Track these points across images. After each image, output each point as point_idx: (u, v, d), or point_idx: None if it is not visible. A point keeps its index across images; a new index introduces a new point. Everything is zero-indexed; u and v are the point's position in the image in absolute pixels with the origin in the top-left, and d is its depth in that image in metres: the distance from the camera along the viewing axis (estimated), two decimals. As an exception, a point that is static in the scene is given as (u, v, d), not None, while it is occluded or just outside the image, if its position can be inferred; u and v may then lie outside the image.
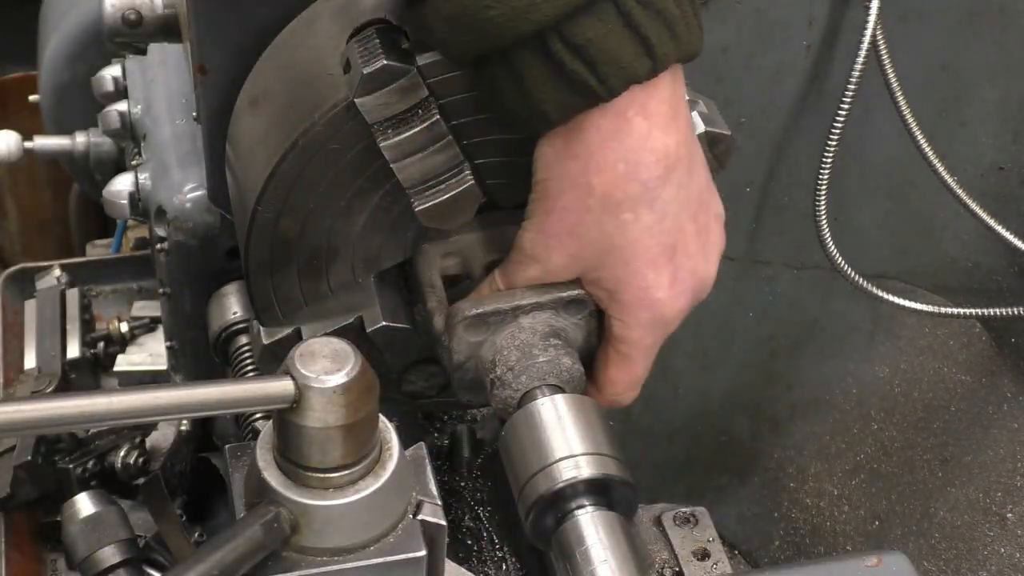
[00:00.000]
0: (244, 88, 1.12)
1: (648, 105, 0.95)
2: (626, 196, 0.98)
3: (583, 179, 0.98)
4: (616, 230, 0.99)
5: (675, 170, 0.98)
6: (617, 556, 0.99)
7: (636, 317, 1.04)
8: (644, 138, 0.96)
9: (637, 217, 0.99)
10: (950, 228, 1.84)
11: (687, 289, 1.03)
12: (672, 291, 1.02)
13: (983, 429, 1.81)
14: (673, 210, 0.99)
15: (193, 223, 1.37)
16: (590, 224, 1.00)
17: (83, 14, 1.97)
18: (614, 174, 0.97)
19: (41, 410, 0.78)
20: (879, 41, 1.58)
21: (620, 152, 0.96)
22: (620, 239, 1.00)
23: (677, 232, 1.01)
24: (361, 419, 0.83)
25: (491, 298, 1.07)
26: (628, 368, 1.08)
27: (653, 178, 0.97)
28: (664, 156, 0.97)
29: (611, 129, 0.96)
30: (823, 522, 1.94)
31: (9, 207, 2.70)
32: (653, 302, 1.03)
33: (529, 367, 1.05)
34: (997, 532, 1.73)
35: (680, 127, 0.98)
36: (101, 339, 1.69)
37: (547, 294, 1.06)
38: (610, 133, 0.96)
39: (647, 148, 0.96)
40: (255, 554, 0.83)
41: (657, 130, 0.96)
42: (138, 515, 1.29)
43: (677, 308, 1.04)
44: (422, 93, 0.99)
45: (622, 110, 0.95)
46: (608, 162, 0.97)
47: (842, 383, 1.98)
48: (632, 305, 1.03)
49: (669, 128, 0.97)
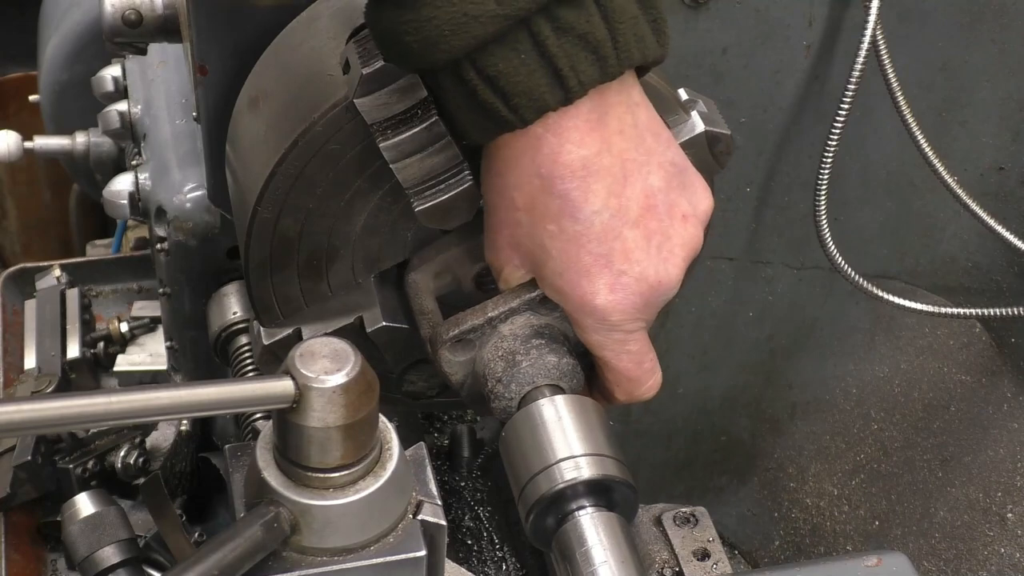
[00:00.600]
0: (244, 88, 1.12)
1: (560, 122, 0.96)
2: (546, 209, 0.99)
3: (507, 194, 1.00)
4: (545, 241, 1.01)
5: (598, 180, 0.98)
6: (617, 557, 0.99)
7: (583, 324, 1.05)
8: (555, 153, 0.97)
9: (561, 229, 1.00)
10: (950, 228, 1.84)
11: (632, 293, 1.02)
12: (612, 296, 1.02)
13: (983, 429, 1.81)
14: (603, 219, 0.99)
15: (193, 223, 1.37)
16: (522, 236, 1.02)
17: (83, 14, 1.97)
18: (531, 188, 0.99)
19: (41, 410, 0.78)
20: (879, 41, 1.57)
21: (532, 168, 0.98)
22: (551, 249, 1.01)
23: (612, 239, 1.00)
24: (361, 419, 0.83)
25: (466, 315, 1.08)
26: (612, 370, 1.08)
27: (570, 189, 0.98)
28: (580, 168, 0.98)
29: (521, 147, 0.97)
30: (823, 522, 1.94)
31: (9, 207, 2.70)
32: (593, 308, 1.03)
33: (516, 375, 1.06)
34: (997, 532, 1.73)
35: (602, 137, 0.98)
36: (101, 339, 1.69)
37: (517, 298, 1.06)
38: (521, 150, 0.98)
39: (559, 162, 0.97)
40: (255, 554, 0.83)
41: (570, 144, 0.97)
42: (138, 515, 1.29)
43: (623, 309, 1.03)
44: (421, 93, 0.99)
45: (532, 129, 0.96)
46: (523, 177, 0.99)
47: (842, 383, 1.98)
48: (575, 313, 1.04)
49: (585, 141, 0.97)
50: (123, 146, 1.74)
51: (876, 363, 1.95)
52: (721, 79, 1.65)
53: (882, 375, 1.94)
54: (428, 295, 1.11)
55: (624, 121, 0.99)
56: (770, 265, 1.89)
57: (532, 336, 1.07)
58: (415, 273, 1.11)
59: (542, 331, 1.07)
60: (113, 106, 1.59)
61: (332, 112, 1.01)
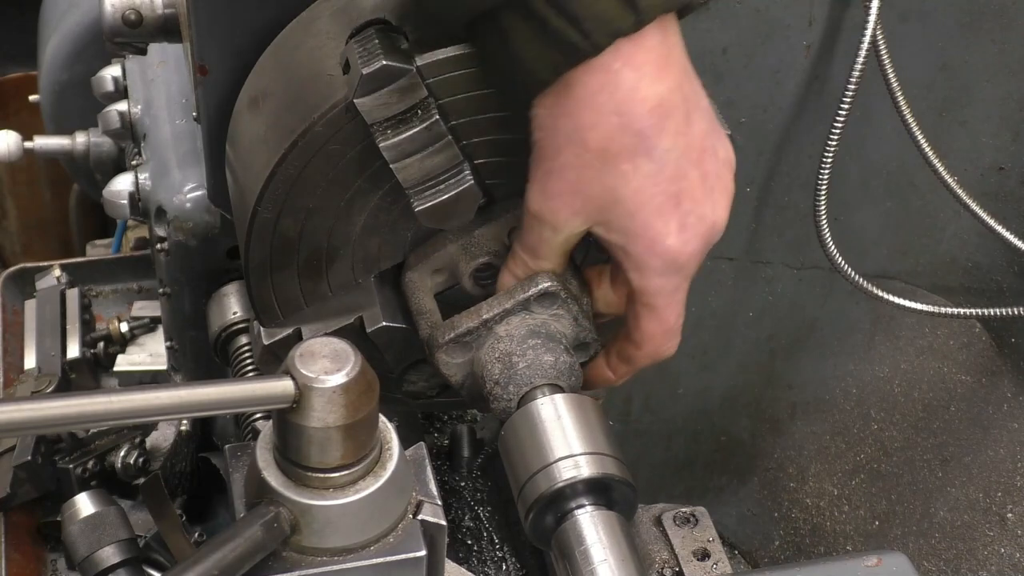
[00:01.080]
0: (244, 88, 1.12)
1: (635, 56, 0.95)
2: (622, 148, 0.98)
3: (577, 135, 0.98)
4: (617, 183, 0.99)
5: (670, 118, 0.98)
6: (616, 556, 0.99)
7: (650, 266, 1.03)
8: (633, 89, 0.96)
9: (636, 167, 0.98)
10: (950, 228, 1.84)
11: (697, 235, 1.02)
12: (682, 237, 1.01)
13: (983, 429, 1.81)
14: (673, 158, 0.99)
15: (193, 223, 1.37)
16: (591, 179, 0.99)
17: (83, 14, 1.97)
18: (608, 127, 0.97)
19: (41, 410, 0.78)
20: (879, 41, 1.57)
21: (611, 105, 0.96)
22: (622, 191, 0.99)
23: (680, 179, 1.00)
24: (361, 419, 0.83)
25: (461, 318, 1.08)
26: (658, 318, 1.07)
27: (647, 127, 0.97)
28: (657, 105, 0.97)
29: (599, 84, 0.96)
30: (823, 522, 1.94)
31: (9, 207, 2.70)
32: (664, 249, 1.02)
33: (512, 376, 1.06)
34: (997, 532, 1.73)
35: (673, 75, 0.98)
36: (101, 339, 1.69)
37: (511, 298, 1.06)
38: (598, 87, 0.96)
39: (637, 99, 0.96)
40: (255, 554, 0.83)
41: (646, 80, 0.96)
42: (138, 515, 1.29)
43: (688, 253, 1.03)
44: (421, 93, 0.99)
45: (608, 64, 0.95)
46: (600, 116, 0.97)
47: (842, 383, 1.98)
48: (644, 255, 1.02)
49: (659, 77, 0.96)
50: (123, 146, 1.74)
51: (876, 363, 1.95)
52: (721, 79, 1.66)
53: (882, 375, 1.94)
54: (426, 293, 1.11)
55: (684, 60, 0.99)
56: (770, 265, 1.89)
57: (528, 336, 1.07)
58: (412, 272, 1.11)
59: (537, 330, 1.07)
60: (113, 106, 1.59)
61: (332, 112, 1.01)
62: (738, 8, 1.60)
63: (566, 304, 1.07)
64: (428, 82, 0.99)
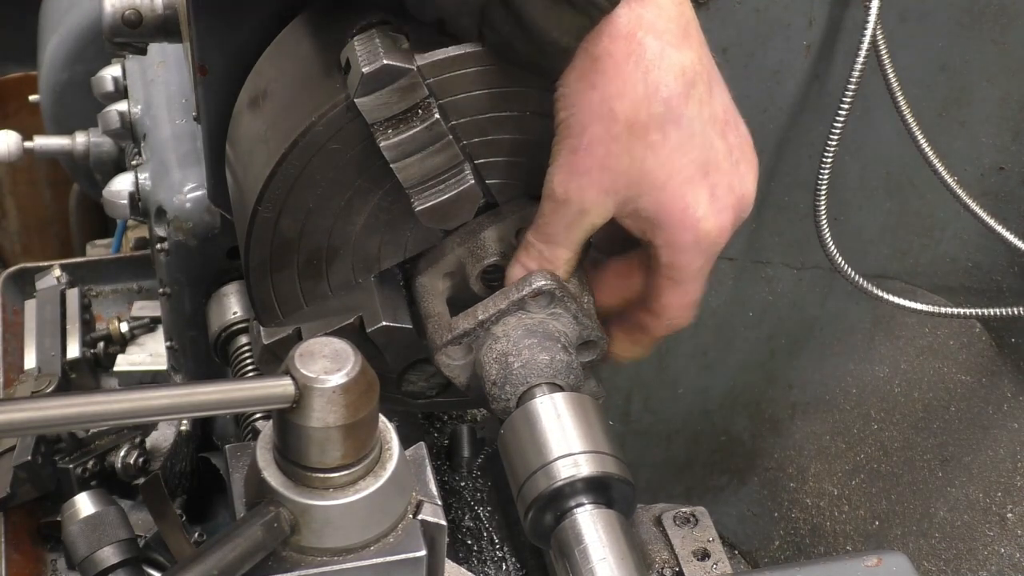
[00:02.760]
0: (244, 88, 1.12)
1: (657, 24, 0.95)
2: (651, 117, 0.97)
3: (605, 108, 0.97)
4: (646, 153, 0.98)
5: (695, 86, 0.98)
6: (615, 554, 0.99)
7: (681, 240, 1.02)
8: (659, 57, 0.96)
9: (665, 136, 0.98)
10: (950, 228, 1.84)
11: (727, 206, 1.02)
12: (713, 207, 1.01)
13: (983, 429, 1.81)
14: (699, 127, 0.99)
15: (193, 223, 1.37)
16: (619, 153, 0.98)
17: (83, 14, 1.97)
18: (635, 96, 0.96)
19: (41, 410, 0.78)
20: (879, 41, 1.57)
21: (637, 74, 0.96)
22: (652, 162, 0.99)
23: (708, 149, 1.00)
24: (361, 419, 0.83)
25: (458, 320, 1.08)
26: (682, 292, 1.06)
27: (675, 95, 0.97)
28: (682, 72, 0.97)
29: (624, 53, 0.95)
30: (823, 522, 1.94)
31: (9, 207, 2.70)
32: (696, 221, 1.01)
33: (509, 376, 1.06)
34: (997, 532, 1.73)
35: (693, 46, 0.98)
36: (101, 339, 1.69)
37: (506, 298, 1.06)
38: (623, 57, 0.95)
39: (663, 67, 0.96)
40: (255, 554, 0.83)
41: (670, 48, 0.96)
42: (138, 515, 1.29)
43: (720, 225, 1.02)
44: (422, 93, 0.99)
45: (632, 32, 0.95)
46: (627, 86, 0.96)
47: (842, 383, 1.98)
48: (675, 228, 1.02)
49: (682, 46, 0.97)
50: (123, 146, 1.74)
51: (876, 363, 1.95)
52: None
53: (882, 375, 1.94)
54: (438, 297, 1.11)
55: (701, 35, 1.00)
56: (770, 265, 1.89)
57: (524, 336, 1.07)
58: (423, 276, 1.11)
59: (534, 330, 1.07)
60: (113, 106, 1.59)
61: (332, 112, 1.01)
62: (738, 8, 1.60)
63: (563, 302, 1.07)
64: (429, 82, 0.99)
